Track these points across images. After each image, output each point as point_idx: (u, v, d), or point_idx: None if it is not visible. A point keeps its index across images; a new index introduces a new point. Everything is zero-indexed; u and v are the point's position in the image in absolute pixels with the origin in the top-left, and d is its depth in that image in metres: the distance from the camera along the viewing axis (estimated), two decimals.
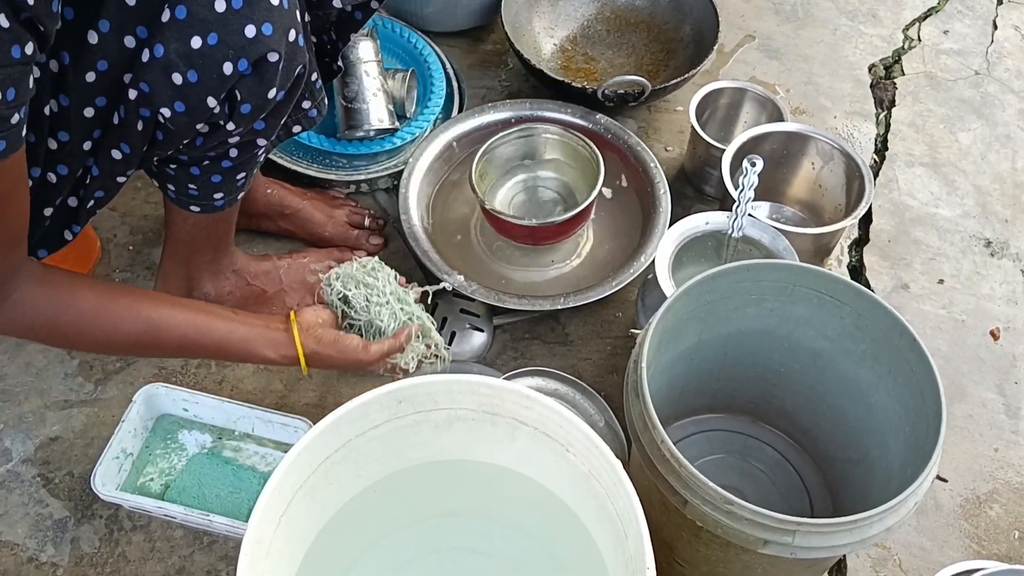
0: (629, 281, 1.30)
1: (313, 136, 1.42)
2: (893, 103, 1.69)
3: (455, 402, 0.87)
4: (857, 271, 1.45)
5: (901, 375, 0.98)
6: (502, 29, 1.56)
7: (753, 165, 1.13)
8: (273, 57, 0.86)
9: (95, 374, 1.26)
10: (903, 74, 1.74)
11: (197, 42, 0.83)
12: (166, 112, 0.87)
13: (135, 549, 1.12)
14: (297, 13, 0.88)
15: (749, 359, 1.13)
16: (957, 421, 1.28)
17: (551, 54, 1.68)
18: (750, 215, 1.18)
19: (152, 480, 1.15)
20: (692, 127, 1.45)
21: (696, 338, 1.09)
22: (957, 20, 1.85)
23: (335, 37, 1.16)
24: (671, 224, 1.25)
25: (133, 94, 0.87)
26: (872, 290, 1.40)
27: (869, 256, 1.46)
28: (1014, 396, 1.32)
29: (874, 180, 1.44)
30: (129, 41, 0.84)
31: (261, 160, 1.10)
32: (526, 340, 1.33)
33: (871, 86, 1.72)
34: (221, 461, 1.16)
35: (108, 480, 1.11)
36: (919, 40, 1.80)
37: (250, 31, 0.83)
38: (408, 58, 1.58)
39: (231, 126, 0.93)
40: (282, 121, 0.99)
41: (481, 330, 1.31)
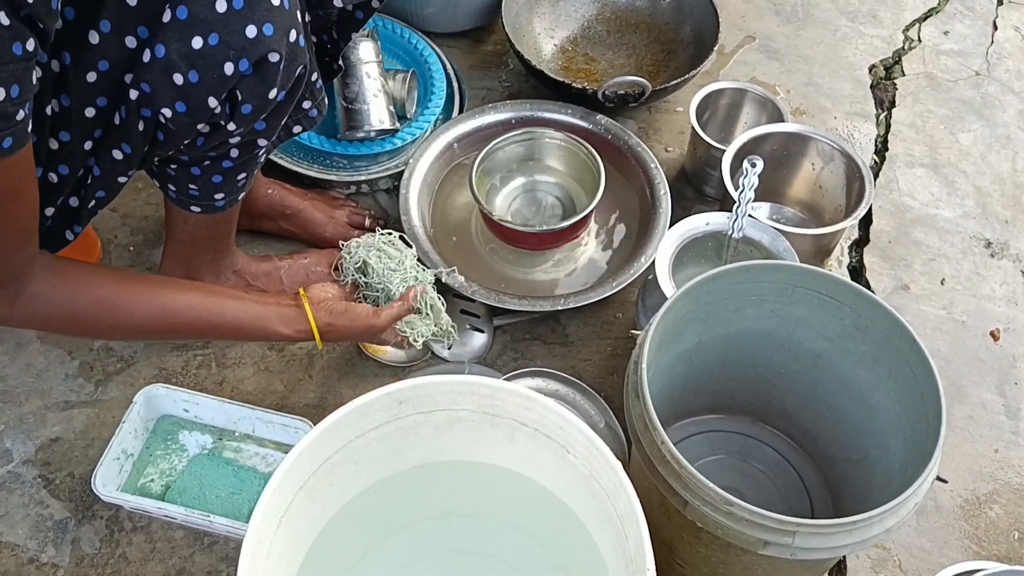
0: (629, 282, 1.30)
1: (314, 137, 1.42)
2: (893, 104, 1.69)
3: (455, 403, 0.87)
4: (857, 272, 1.45)
5: (901, 376, 0.98)
6: (502, 30, 1.56)
7: (753, 166, 1.13)
8: (274, 57, 0.86)
9: (96, 375, 1.26)
10: (903, 75, 1.74)
11: (198, 42, 0.83)
12: (167, 112, 0.87)
13: (136, 550, 1.12)
14: (298, 13, 0.88)
15: (749, 360, 1.13)
16: (957, 422, 1.28)
17: (551, 55, 1.68)
18: (750, 216, 1.18)
19: (153, 481, 1.15)
20: (692, 128, 1.45)
21: (696, 339, 1.09)
22: (957, 21, 1.85)
23: (336, 36, 1.16)
24: (671, 225, 1.25)
25: (134, 94, 0.87)
26: (872, 291, 1.40)
27: (869, 257, 1.46)
28: (1014, 397, 1.32)
29: (874, 181, 1.44)
30: (130, 41, 0.84)
31: (262, 160, 1.10)
32: (526, 341, 1.33)
33: (871, 87, 1.72)
34: (222, 462, 1.16)
35: (109, 481, 1.11)
36: (919, 41, 1.80)
37: (251, 31, 0.84)
38: (409, 59, 1.58)
39: (232, 126, 0.93)
40: (283, 121, 0.99)
41: (481, 331, 1.31)
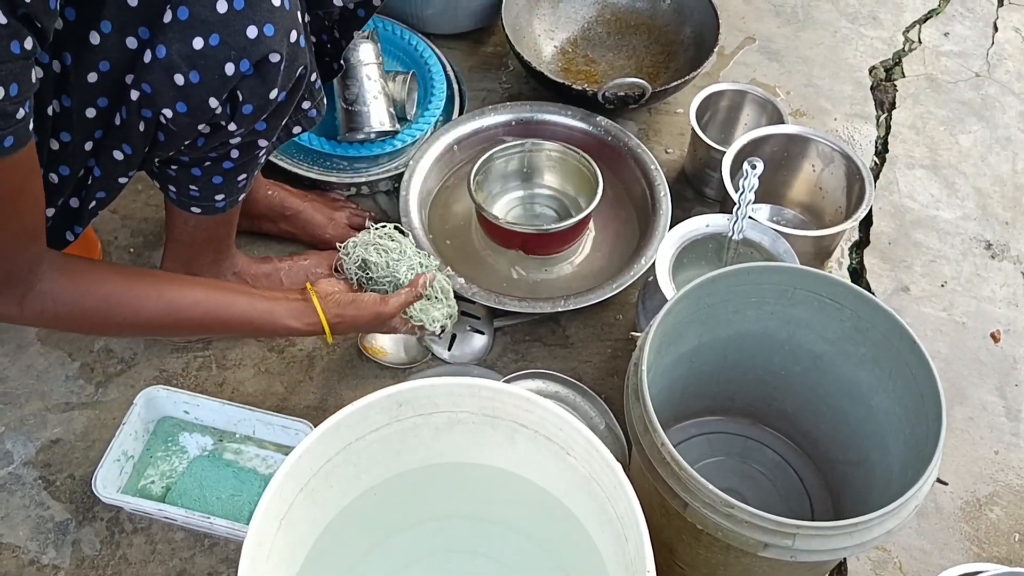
0: (629, 283, 1.30)
1: (314, 138, 1.42)
2: (893, 105, 1.69)
3: (455, 405, 0.87)
4: (858, 273, 1.45)
5: (901, 378, 0.98)
6: (503, 31, 1.56)
7: (753, 167, 1.13)
8: (275, 58, 0.86)
9: (96, 376, 1.26)
10: (903, 76, 1.74)
11: (199, 43, 0.83)
12: (168, 113, 0.87)
13: (136, 552, 1.12)
14: (298, 14, 0.88)
15: (749, 362, 1.13)
16: (957, 423, 1.28)
17: (551, 56, 1.68)
18: (750, 217, 1.18)
19: (153, 482, 1.15)
20: (692, 129, 1.45)
21: (696, 341, 1.09)
22: (958, 22, 1.85)
23: (338, 35, 1.16)
24: (671, 226, 1.25)
25: (135, 95, 0.87)
26: (873, 292, 1.40)
27: (870, 258, 1.46)
28: (1014, 399, 1.32)
29: (874, 182, 1.44)
30: (131, 42, 0.84)
31: (262, 161, 1.10)
32: (527, 342, 1.33)
33: (871, 88, 1.72)
34: (222, 463, 1.16)
35: (109, 483, 1.11)
36: (919, 42, 1.80)
37: (252, 32, 0.84)
38: (409, 60, 1.58)
39: (233, 127, 0.93)
40: (283, 122, 1.00)
41: (482, 332, 1.31)
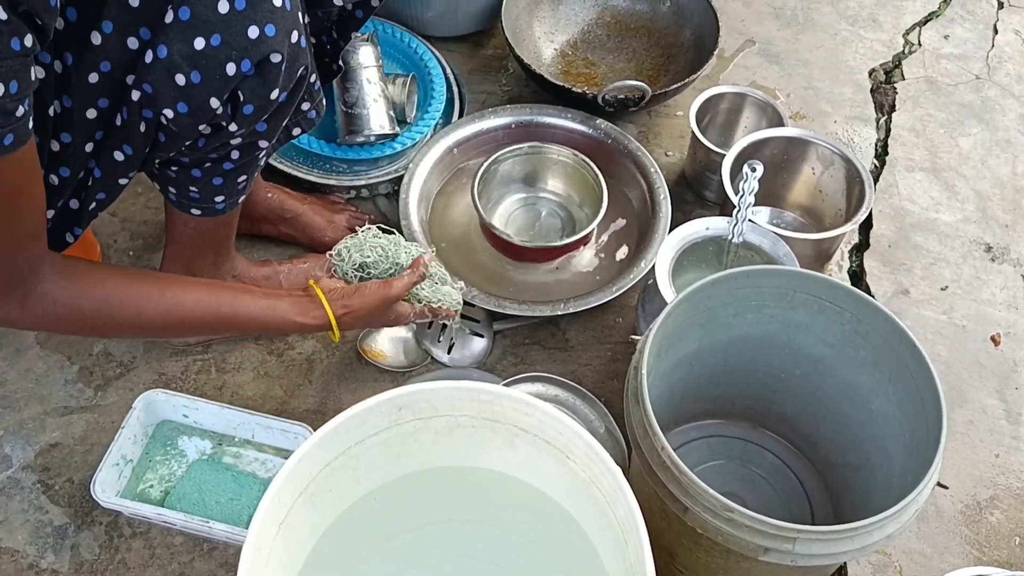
0: (629, 287, 1.30)
1: (313, 141, 1.42)
2: (893, 108, 1.69)
3: (455, 409, 0.87)
4: (858, 276, 1.45)
5: (901, 381, 0.98)
6: (502, 34, 1.56)
7: (753, 170, 1.13)
8: (276, 58, 0.86)
9: (95, 380, 1.26)
10: (903, 79, 1.74)
11: (200, 43, 0.83)
12: (169, 113, 0.87)
13: (135, 556, 1.12)
14: (299, 15, 0.88)
15: (749, 365, 1.13)
16: (958, 427, 1.28)
17: (551, 59, 1.68)
18: (750, 220, 1.18)
19: (152, 486, 1.15)
20: (692, 132, 1.45)
21: (696, 344, 1.09)
22: (958, 25, 1.85)
23: (336, 36, 1.16)
24: (671, 229, 1.25)
25: (136, 95, 0.87)
26: (872, 295, 1.40)
27: (869, 261, 1.46)
28: (1015, 402, 1.32)
29: (874, 185, 1.44)
30: (132, 42, 0.84)
31: (262, 163, 1.10)
32: (526, 345, 1.33)
33: (871, 91, 1.72)
34: (221, 467, 1.16)
35: (108, 487, 1.11)
36: (919, 45, 1.80)
37: (253, 32, 0.84)
38: (408, 63, 1.58)
39: (233, 127, 0.93)
40: (284, 123, 1.00)
41: (481, 335, 1.31)
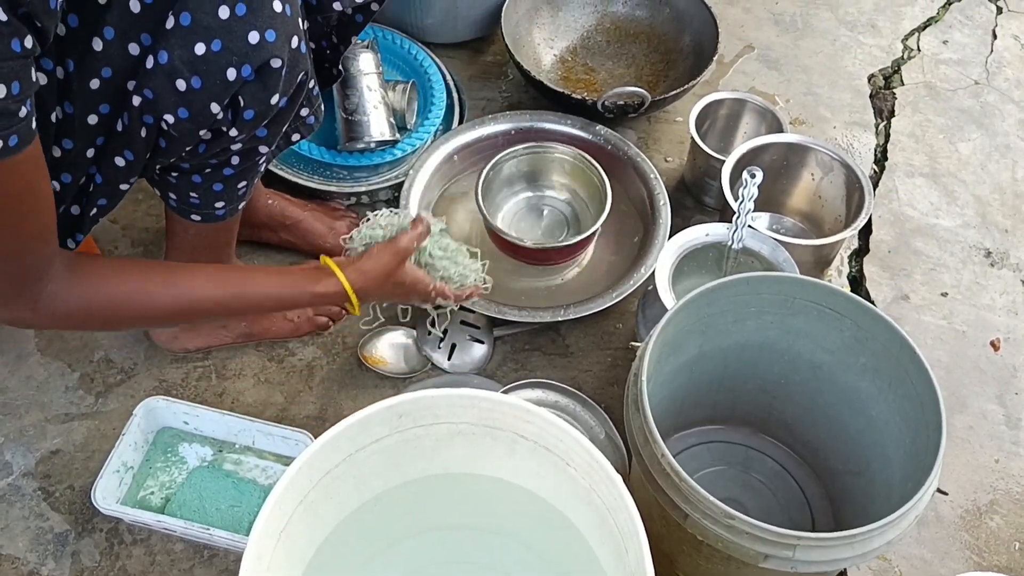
0: (629, 293, 1.30)
1: (314, 148, 1.42)
2: (892, 113, 1.69)
3: (455, 416, 0.87)
4: (857, 282, 1.45)
5: (901, 387, 0.98)
6: (502, 40, 1.56)
7: (753, 176, 1.13)
8: (276, 63, 0.86)
9: (96, 387, 1.26)
10: (902, 84, 1.74)
11: (201, 48, 0.83)
12: (169, 118, 0.87)
13: (135, 563, 1.12)
14: (299, 20, 0.89)
15: (749, 371, 1.13)
16: (958, 432, 1.28)
17: (551, 65, 1.68)
18: (750, 226, 1.18)
19: (153, 493, 1.15)
20: (692, 138, 1.45)
21: (696, 350, 1.09)
22: (956, 30, 1.85)
23: (336, 41, 1.16)
24: (671, 235, 1.25)
25: (137, 101, 0.87)
26: (872, 301, 1.40)
27: (869, 267, 1.46)
28: (1014, 407, 1.32)
29: (874, 191, 1.44)
30: (133, 48, 0.85)
31: (262, 169, 1.10)
32: (526, 352, 1.33)
33: (870, 96, 1.72)
34: (222, 474, 1.16)
35: (108, 494, 1.11)
36: (918, 50, 1.81)
37: (253, 37, 0.84)
38: (408, 70, 1.58)
39: (234, 132, 0.93)
40: (284, 128, 1.00)
41: (481, 342, 1.31)
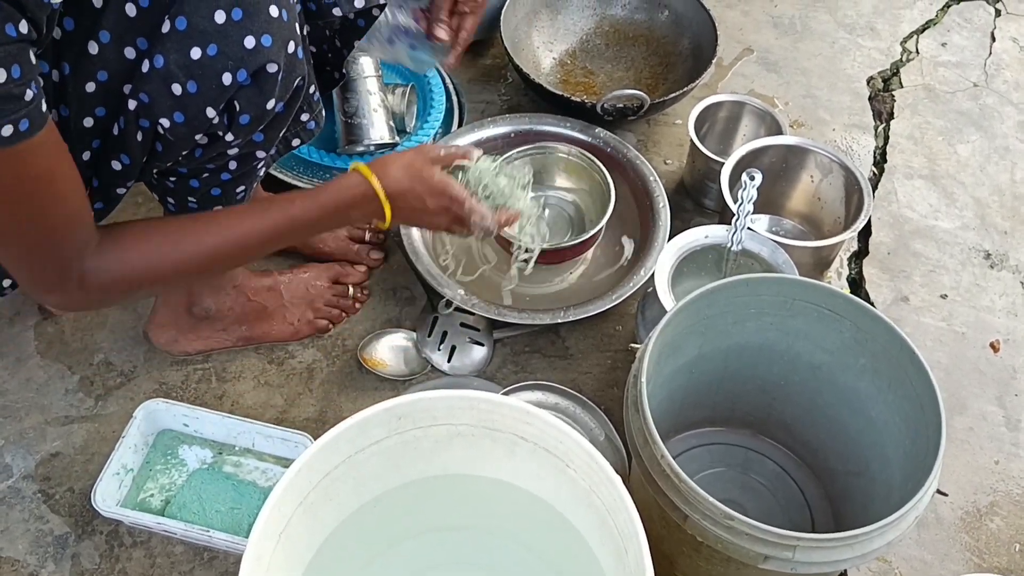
0: (629, 295, 1.30)
1: (314, 151, 1.42)
2: (892, 115, 1.69)
3: (455, 418, 0.87)
4: (857, 284, 1.45)
5: (901, 388, 0.98)
6: (501, 43, 1.56)
7: (752, 178, 1.13)
8: (272, 68, 0.87)
9: (96, 390, 1.26)
10: (901, 86, 1.74)
11: (197, 53, 0.83)
12: (165, 122, 0.87)
13: (135, 565, 1.12)
14: (296, 26, 0.89)
15: (749, 372, 1.13)
16: (957, 434, 1.28)
17: (550, 68, 1.68)
18: (749, 228, 1.18)
19: (152, 496, 1.15)
20: (691, 140, 1.45)
21: (696, 352, 1.09)
22: (955, 32, 1.85)
23: (339, 45, 1.16)
24: (670, 237, 1.25)
25: (133, 104, 0.87)
26: (872, 303, 1.40)
27: (869, 269, 1.46)
28: (1014, 408, 1.32)
29: (873, 193, 1.44)
30: (129, 52, 0.85)
31: (261, 173, 1.10)
32: (526, 354, 1.33)
33: (869, 99, 1.72)
34: (221, 476, 1.16)
35: (108, 496, 1.11)
36: (917, 53, 1.81)
37: (249, 42, 0.84)
38: (408, 72, 1.58)
39: (230, 137, 0.93)
40: (281, 133, 1.00)
41: (481, 344, 1.31)
